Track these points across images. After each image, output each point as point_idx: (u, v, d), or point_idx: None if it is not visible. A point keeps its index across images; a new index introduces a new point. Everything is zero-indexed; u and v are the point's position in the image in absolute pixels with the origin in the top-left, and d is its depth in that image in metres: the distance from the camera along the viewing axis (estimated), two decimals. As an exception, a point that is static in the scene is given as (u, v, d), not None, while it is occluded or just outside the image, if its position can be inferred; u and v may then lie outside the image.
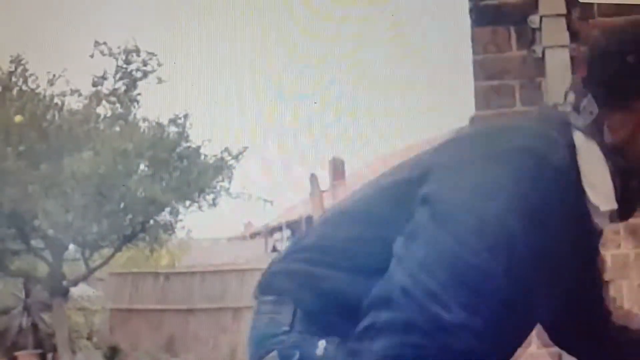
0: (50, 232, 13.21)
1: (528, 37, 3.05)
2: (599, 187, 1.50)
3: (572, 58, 2.98)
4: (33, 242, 13.72)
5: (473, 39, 3.10)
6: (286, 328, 1.53)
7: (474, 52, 3.09)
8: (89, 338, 15.89)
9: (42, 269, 14.55)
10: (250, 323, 1.64)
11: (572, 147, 1.49)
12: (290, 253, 1.63)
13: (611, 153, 1.49)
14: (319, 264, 1.54)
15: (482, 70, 3.07)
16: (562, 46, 2.99)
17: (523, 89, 3.04)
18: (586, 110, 1.50)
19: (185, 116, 13.89)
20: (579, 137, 1.51)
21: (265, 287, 1.61)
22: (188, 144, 13.92)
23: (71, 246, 14.68)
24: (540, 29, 3.02)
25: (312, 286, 1.53)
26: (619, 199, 1.51)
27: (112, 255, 14.79)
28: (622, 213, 1.53)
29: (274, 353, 1.54)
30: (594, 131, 1.50)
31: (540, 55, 3.02)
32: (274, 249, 32.22)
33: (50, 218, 12.34)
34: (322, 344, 1.49)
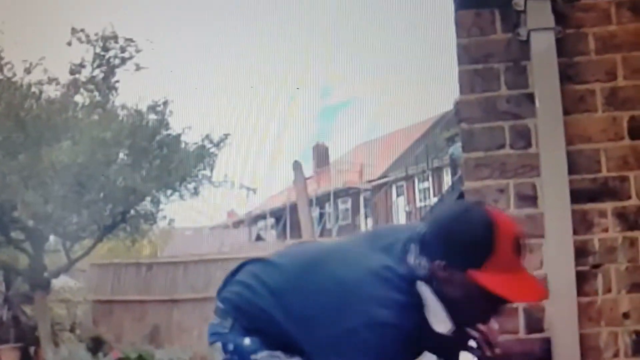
0: (30, 223, 13.10)
1: (512, 20, 2.99)
2: (437, 317, 2.35)
3: (557, 40, 2.92)
4: (13, 234, 13.61)
5: (457, 23, 3.04)
6: (226, 330, 2.52)
7: (458, 36, 3.02)
8: (71, 330, 15.81)
9: (23, 261, 14.45)
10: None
11: (416, 296, 2.34)
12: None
13: (439, 295, 2.33)
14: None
15: (466, 54, 3.00)
16: (547, 29, 2.92)
17: (508, 72, 2.98)
18: (423, 267, 2.31)
19: (165, 103, 13.81)
20: (420, 285, 2.34)
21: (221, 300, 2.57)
22: (168, 132, 13.83)
23: (51, 237, 14.59)
24: (524, 11, 2.96)
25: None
26: (453, 321, 2.36)
27: (93, 246, 14.70)
28: (459, 327, 2.41)
29: (218, 344, 2.56)
30: (429, 280, 2.31)
31: (525, 38, 2.96)
32: (258, 237, 32.22)
33: (30, 209, 12.23)
34: (247, 339, 2.47)
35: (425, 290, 2.34)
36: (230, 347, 2.52)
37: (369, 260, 2.36)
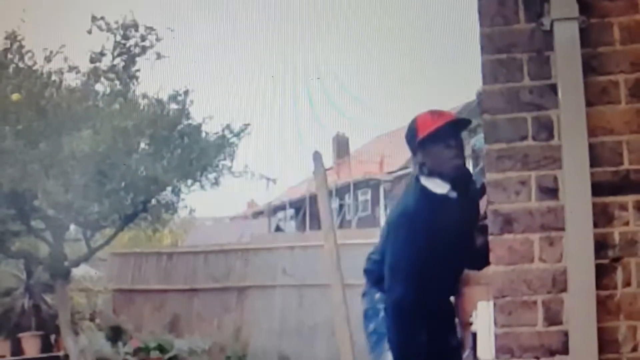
0: (51, 212, 13.11)
1: (536, 10, 2.96)
2: (435, 186, 3.92)
3: (581, 30, 2.88)
4: (33, 223, 13.62)
5: (480, 11, 3.01)
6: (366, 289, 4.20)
7: (481, 25, 2.99)
8: (91, 319, 15.88)
9: (43, 250, 14.49)
10: None
11: (420, 187, 3.96)
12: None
13: (427, 174, 3.95)
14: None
15: (489, 44, 2.97)
16: (571, 19, 2.88)
17: (531, 62, 2.94)
18: (416, 164, 4.06)
19: (186, 92, 13.73)
20: (420, 178, 3.97)
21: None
22: (189, 122, 13.78)
23: (72, 226, 14.61)
24: (548, 1, 2.92)
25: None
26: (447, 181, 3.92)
27: (114, 235, 14.69)
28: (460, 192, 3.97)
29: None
30: (422, 171, 3.98)
31: (548, 28, 2.92)
32: (278, 228, 32.24)
33: (51, 198, 12.23)
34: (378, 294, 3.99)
35: (422, 178, 3.97)
36: (368, 298, 4.08)
37: None
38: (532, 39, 2.94)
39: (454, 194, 3.94)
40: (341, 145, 39.84)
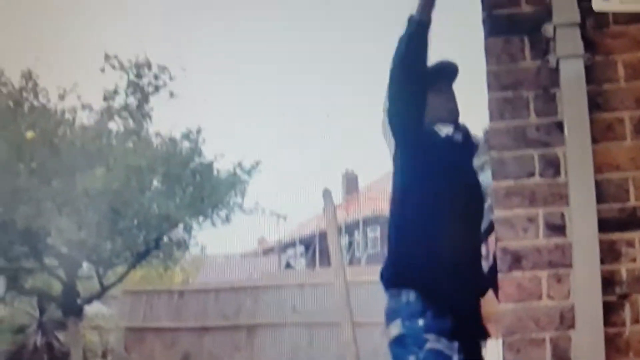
0: (64, 249, 13.14)
1: (542, 47, 2.97)
2: (441, 128, 3.59)
3: (586, 68, 2.90)
4: (46, 260, 13.66)
5: (486, 50, 3.03)
6: None
7: (488, 63, 3.01)
8: (103, 357, 15.86)
9: (56, 287, 14.50)
10: None
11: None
12: None
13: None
14: None
15: (496, 81, 2.98)
16: (577, 56, 2.90)
17: (537, 99, 2.95)
18: None
19: (198, 131, 13.81)
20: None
21: None
22: (201, 159, 13.83)
23: (85, 264, 14.63)
24: (554, 38, 2.94)
25: None
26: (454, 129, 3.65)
27: (126, 273, 14.71)
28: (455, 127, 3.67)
29: None
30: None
31: (554, 66, 2.94)
32: (288, 265, 32.15)
33: (64, 235, 12.27)
34: None
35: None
36: (406, 323, 3.41)
37: None
38: (538, 77, 2.96)
39: (459, 137, 3.63)
40: (350, 182, 39.87)
